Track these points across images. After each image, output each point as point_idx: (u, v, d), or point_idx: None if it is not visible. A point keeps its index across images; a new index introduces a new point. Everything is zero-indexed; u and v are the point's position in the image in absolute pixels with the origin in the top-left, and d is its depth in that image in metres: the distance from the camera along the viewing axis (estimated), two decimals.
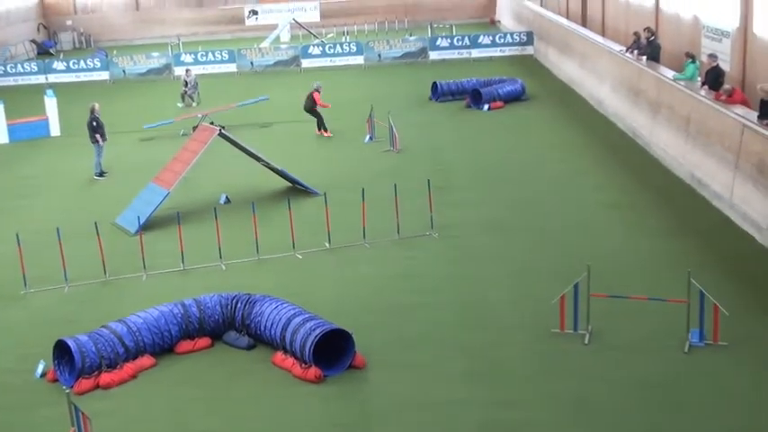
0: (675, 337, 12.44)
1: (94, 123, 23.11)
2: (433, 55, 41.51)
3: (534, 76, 35.02)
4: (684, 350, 12.13)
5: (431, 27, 50.20)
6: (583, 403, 11.07)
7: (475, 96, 29.95)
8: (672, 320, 12.75)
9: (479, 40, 41.81)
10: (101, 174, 23.41)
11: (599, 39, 31.81)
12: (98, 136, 23.10)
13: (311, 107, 27.12)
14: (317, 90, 27.17)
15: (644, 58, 25.33)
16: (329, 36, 51.60)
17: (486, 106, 29.36)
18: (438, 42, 42.10)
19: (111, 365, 12.22)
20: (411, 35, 45.93)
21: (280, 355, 12.42)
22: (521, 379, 11.75)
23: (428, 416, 10.96)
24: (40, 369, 12.50)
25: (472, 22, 55.54)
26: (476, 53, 41.41)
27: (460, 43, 41.82)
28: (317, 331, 11.94)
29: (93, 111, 23.28)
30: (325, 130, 27.00)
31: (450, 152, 24.13)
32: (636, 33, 27.45)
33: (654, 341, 12.52)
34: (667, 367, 11.80)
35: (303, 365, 11.98)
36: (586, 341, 12.55)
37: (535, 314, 13.53)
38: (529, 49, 41.23)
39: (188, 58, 42.03)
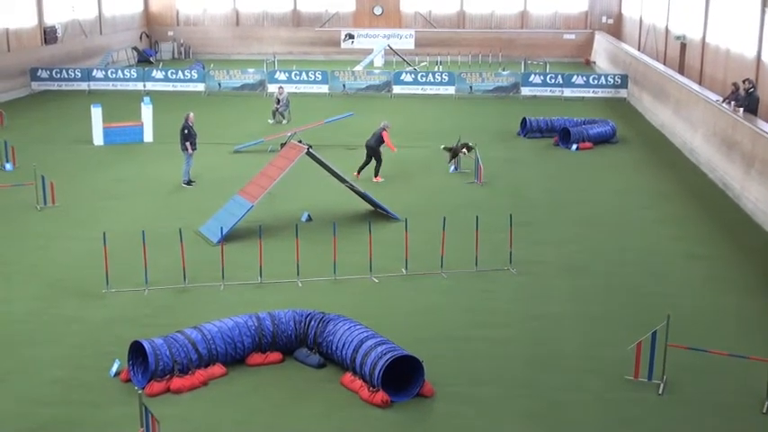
0: (754, 398, 12.08)
1: (186, 131, 23.63)
2: (525, 91, 41.37)
3: (626, 120, 34.62)
4: (763, 411, 11.76)
5: (524, 63, 50.10)
6: None
7: (564, 135, 29.73)
8: (752, 380, 12.40)
9: (573, 80, 41.53)
10: (189, 182, 23.88)
11: (695, 86, 31.29)
12: (188, 144, 23.61)
13: (376, 146, 24.50)
14: (385, 129, 24.74)
15: (741, 109, 24.81)
16: (422, 64, 51.86)
17: (574, 146, 29.11)
18: (531, 78, 41.95)
19: (184, 371, 12.39)
20: (504, 69, 45.89)
21: (349, 377, 12.44)
22: (587, 424, 11.53)
23: None
24: (114, 368, 12.75)
25: (567, 62, 55.25)
26: (568, 92, 41.14)
27: (553, 81, 41.60)
28: (388, 356, 11.93)
29: (186, 119, 23.83)
30: (377, 175, 24.48)
31: (534, 189, 23.97)
32: (734, 84, 26.94)
33: (731, 399, 12.18)
34: (743, 428, 11.46)
35: (371, 389, 11.97)
36: (660, 391, 12.27)
37: (608, 360, 13.29)
38: (622, 92, 40.78)
39: (282, 76, 42.71)
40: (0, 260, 17.92)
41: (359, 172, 24.44)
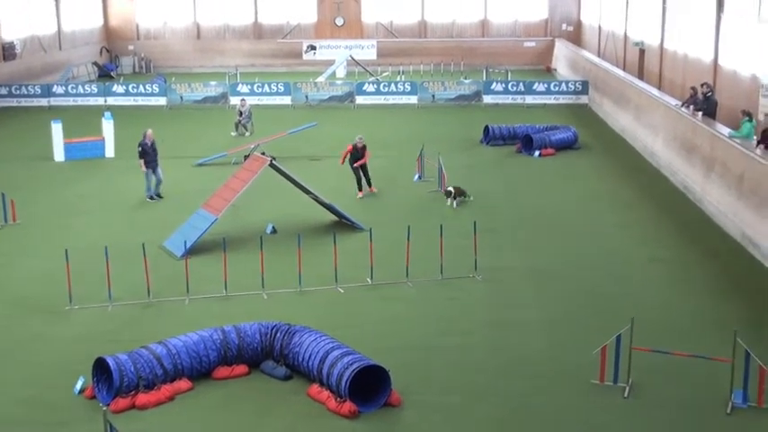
0: (718, 397, 12.21)
1: (140, 148, 23.40)
2: (487, 99, 41.59)
3: (587, 126, 34.91)
4: (727, 411, 11.90)
5: (486, 71, 50.40)
6: None
7: (526, 142, 29.92)
8: (715, 380, 12.54)
9: (534, 87, 41.82)
10: (152, 197, 23.69)
11: (655, 92, 31.65)
12: (140, 162, 23.41)
13: (360, 162, 23.92)
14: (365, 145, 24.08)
15: (700, 113, 25.13)
16: (384, 74, 52.00)
17: (536, 152, 29.30)
18: (492, 86, 42.20)
19: (149, 386, 12.29)
20: (466, 78, 46.12)
21: (316, 388, 12.41)
22: (554, 430, 11.58)
23: None
24: (78, 385, 12.62)
25: (528, 69, 55.62)
26: (530, 99, 41.42)
27: (515, 89, 41.86)
28: (354, 366, 11.92)
29: (144, 136, 23.52)
30: (370, 185, 24.35)
31: (497, 196, 24.09)
32: (693, 88, 27.28)
33: (695, 399, 12.30)
34: (708, 427, 11.58)
35: (338, 399, 11.95)
36: (626, 395, 12.36)
37: (574, 364, 13.37)
38: (583, 99, 41.14)
39: (244, 89, 42.62)
40: None
41: (361, 189, 24.06)
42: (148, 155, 23.35)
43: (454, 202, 22.62)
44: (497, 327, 15.00)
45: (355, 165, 23.89)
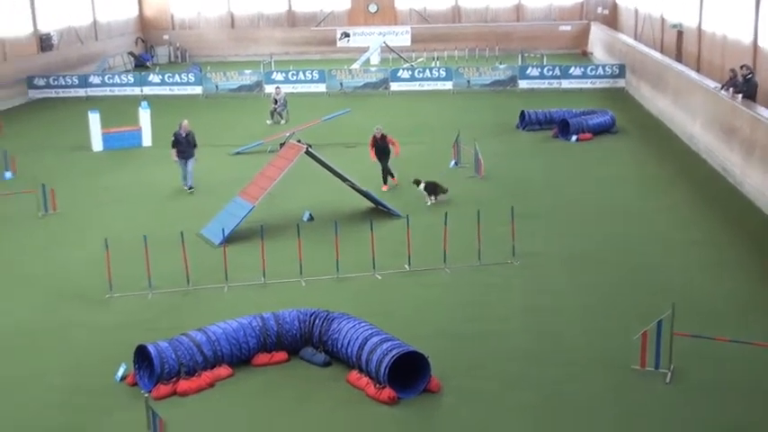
0: (761, 382, 12.07)
1: (172, 138, 23.46)
2: (523, 84, 41.33)
3: (625, 109, 34.57)
4: None
5: (521, 56, 50.05)
6: None
7: (563, 127, 29.70)
8: (759, 365, 12.38)
9: (570, 71, 41.48)
10: (190, 187, 23.70)
11: (693, 74, 31.26)
12: (172, 151, 23.50)
13: (386, 153, 23.42)
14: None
15: (739, 95, 24.77)
16: (419, 60, 51.80)
17: (573, 137, 29.08)
18: (528, 71, 41.90)
19: (190, 373, 12.39)
20: (501, 63, 45.85)
21: (355, 374, 12.43)
22: (595, 415, 11.51)
23: None
24: (120, 372, 12.75)
25: (564, 53, 55.14)
26: (566, 84, 41.10)
27: (551, 73, 41.55)
28: (393, 352, 11.92)
29: (179, 126, 23.52)
30: (393, 176, 23.78)
31: (534, 181, 23.95)
32: (732, 70, 26.90)
33: (738, 385, 12.16)
34: (751, 413, 11.45)
35: (377, 386, 11.96)
36: (668, 380, 12.25)
37: (613, 350, 13.27)
38: (620, 82, 40.74)
39: (279, 77, 42.69)
40: (3, 268, 17.93)
41: (386, 183, 23.36)
42: (181, 144, 23.32)
43: (432, 198, 21.64)
44: (535, 312, 14.94)
45: (392, 156, 23.27)
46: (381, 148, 23.28)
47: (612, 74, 41.23)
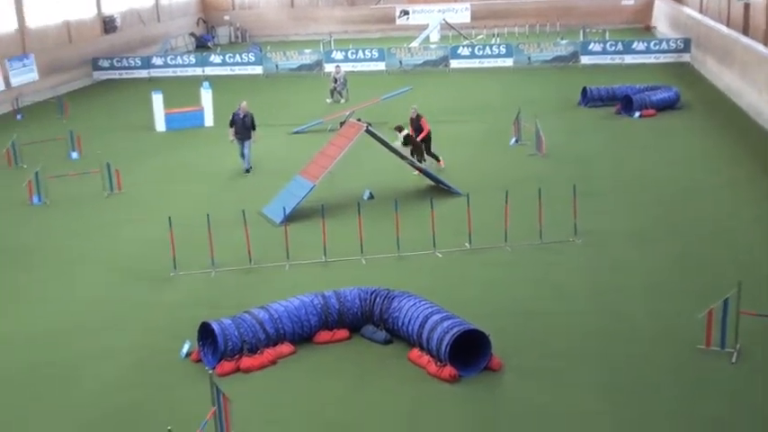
0: None
1: (230, 118, 23.57)
2: (585, 59, 40.80)
3: (689, 85, 33.92)
4: None
5: (583, 31, 49.34)
6: (723, 426, 10.61)
7: (626, 103, 29.26)
8: None
9: (633, 46, 40.84)
10: (247, 170, 23.76)
11: (761, 48, 30.49)
12: (230, 131, 23.52)
13: (422, 135, 22.67)
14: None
15: None
16: (479, 37, 51.42)
17: (637, 113, 28.62)
18: (590, 47, 41.35)
19: (252, 350, 12.52)
20: (562, 39, 45.29)
21: (416, 352, 12.45)
22: (659, 395, 11.36)
23: (560, 425, 10.75)
24: (185, 349, 12.94)
25: (626, 28, 54.23)
26: (629, 59, 40.47)
27: (613, 48, 40.96)
28: (454, 330, 11.90)
29: (238, 107, 23.50)
30: (436, 159, 22.88)
31: (597, 158, 23.65)
32: None
33: None
34: None
35: (438, 364, 11.96)
36: (733, 360, 12.04)
37: (678, 328, 13.08)
38: (685, 57, 39.97)
39: (338, 56, 42.74)
40: (71, 248, 18.29)
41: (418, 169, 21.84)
42: (237, 125, 23.37)
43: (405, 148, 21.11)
44: (597, 291, 14.78)
45: (419, 138, 22.44)
46: (417, 129, 22.81)
47: (677, 48, 40.49)
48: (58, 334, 14.01)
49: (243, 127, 23.27)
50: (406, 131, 21.80)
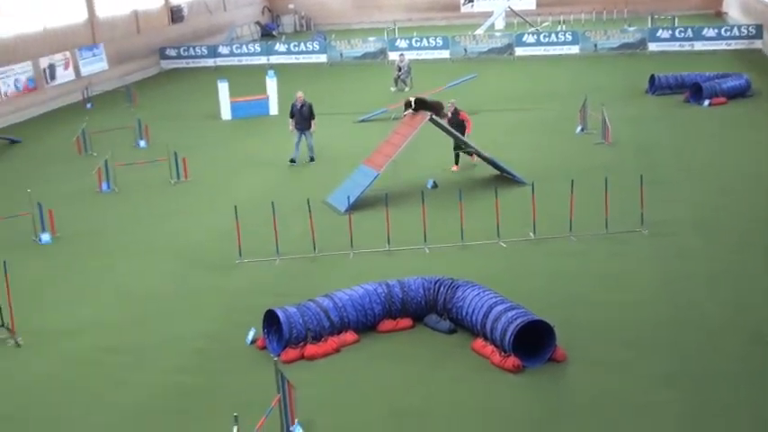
0: None
1: (290, 110, 23.59)
2: (653, 47, 40.13)
3: (762, 72, 33.13)
4: None
5: (651, 18, 48.51)
6: None
7: (695, 91, 28.72)
8: None
9: (703, 33, 40.01)
10: (292, 160, 23.55)
11: None
12: (290, 121, 23.53)
13: (460, 129, 21.40)
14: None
15: None
16: (544, 25, 50.89)
17: (706, 102, 28.07)
18: (658, 34, 40.64)
19: (317, 338, 12.60)
20: (630, 26, 44.57)
21: (480, 342, 12.41)
22: (727, 387, 11.15)
23: (626, 416, 10.62)
24: (250, 336, 13.08)
25: (696, 14, 53.17)
26: (698, 46, 39.70)
27: (682, 35, 40.19)
28: (519, 321, 11.83)
29: (295, 98, 23.40)
30: (470, 155, 21.53)
31: (664, 148, 23.26)
32: None
33: None
34: None
35: (502, 354, 11.91)
36: None
37: (747, 321, 12.83)
38: (757, 43, 39.04)
39: (402, 44, 42.67)
40: (139, 235, 18.60)
41: (457, 163, 21.78)
42: (295, 116, 23.38)
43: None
44: (664, 282, 14.55)
45: (464, 134, 21.33)
46: (454, 124, 21.47)
47: (749, 35, 39.55)
48: (125, 319, 14.27)
49: (301, 117, 23.22)
50: (412, 99, 20.25)
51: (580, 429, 10.42)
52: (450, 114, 21.72)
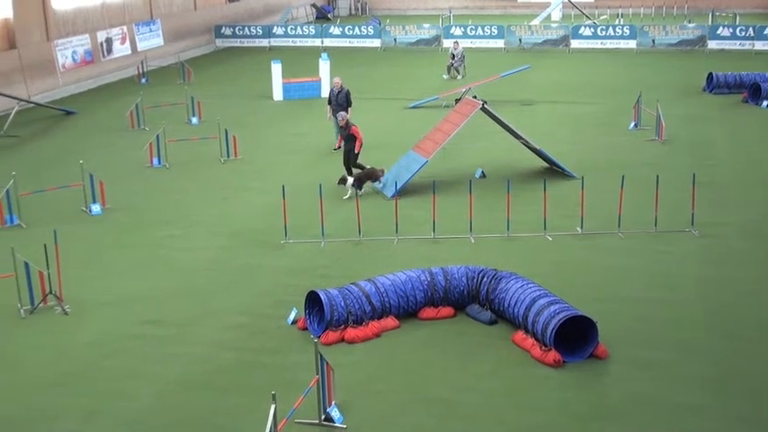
0: None
1: (327, 96, 23.42)
2: (712, 44, 39.51)
3: None
4: None
5: (712, 15, 47.75)
6: None
7: (754, 91, 28.22)
8: None
9: (765, 32, 39.25)
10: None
11: None
12: (327, 108, 23.42)
13: (350, 144, 20.31)
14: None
15: None
16: (602, 18, 50.32)
17: (765, 103, 27.57)
18: (719, 31, 39.97)
19: (358, 322, 12.63)
20: (690, 22, 43.94)
21: (520, 335, 12.35)
22: (764, 396, 10.97)
23: (664, 418, 10.49)
24: (292, 316, 13.16)
25: (759, 12, 52.19)
26: (759, 45, 38.96)
27: (743, 33, 39.48)
28: (561, 315, 11.75)
29: (333, 84, 23.28)
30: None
31: (719, 147, 22.90)
32: None
33: None
34: None
35: (543, 348, 11.84)
36: None
37: None
38: None
39: (457, 31, 42.47)
40: (187, 211, 18.77)
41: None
42: (332, 101, 23.22)
43: (357, 190, 18.81)
44: (711, 284, 14.35)
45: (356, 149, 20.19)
46: (344, 136, 20.41)
47: None
48: (169, 293, 14.42)
49: (337, 103, 22.95)
50: (350, 179, 19.23)
51: (615, 429, 10.31)
52: (342, 125, 20.58)
